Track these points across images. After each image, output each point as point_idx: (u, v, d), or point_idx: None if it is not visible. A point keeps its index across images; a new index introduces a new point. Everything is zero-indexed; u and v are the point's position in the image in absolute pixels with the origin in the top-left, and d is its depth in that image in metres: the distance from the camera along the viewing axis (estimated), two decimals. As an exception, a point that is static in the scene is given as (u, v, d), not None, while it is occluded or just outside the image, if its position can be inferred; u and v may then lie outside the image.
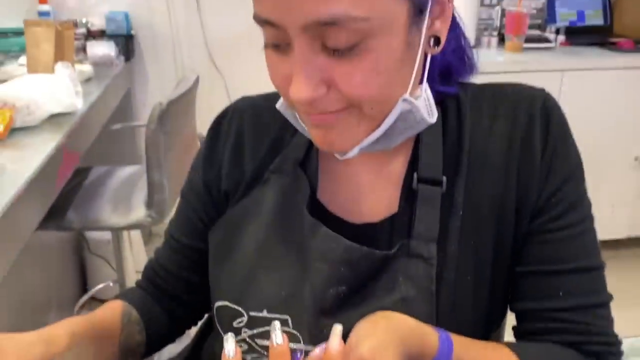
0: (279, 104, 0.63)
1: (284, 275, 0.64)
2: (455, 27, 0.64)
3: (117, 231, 1.85)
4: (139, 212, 1.65)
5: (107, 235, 2.10)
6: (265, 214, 0.68)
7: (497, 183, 0.63)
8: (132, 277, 1.97)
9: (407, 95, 0.56)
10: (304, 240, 0.64)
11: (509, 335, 0.74)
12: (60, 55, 1.67)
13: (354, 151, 0.58)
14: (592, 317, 0.62)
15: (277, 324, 0.50)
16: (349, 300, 0.62)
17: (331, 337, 0.50)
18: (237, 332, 0.65)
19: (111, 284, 2.08)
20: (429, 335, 0.54)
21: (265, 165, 0.70)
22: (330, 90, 0.53)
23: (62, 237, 2.15)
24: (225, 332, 0.69)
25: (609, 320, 0.63)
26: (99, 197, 1.73)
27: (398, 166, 0.66)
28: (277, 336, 0.49)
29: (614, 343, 0.63)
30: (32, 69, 1.65)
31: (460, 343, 0.55)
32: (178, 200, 0.79)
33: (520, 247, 0.64)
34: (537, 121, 0.63)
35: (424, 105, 0.58)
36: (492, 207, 0.63)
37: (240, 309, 0.65)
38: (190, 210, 0.75)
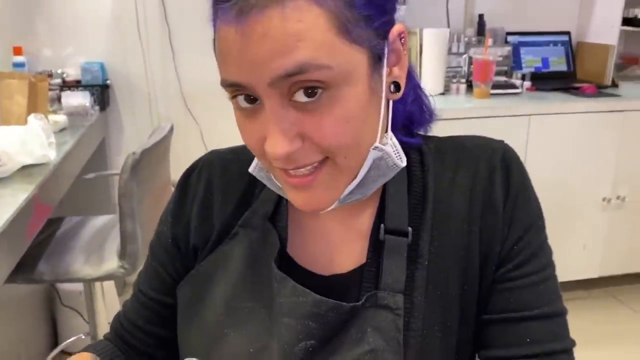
0: (252, 168, 0.65)
1: (252, 331, 0.64)
2: (411, 78, 0.67)
3: (89, 282, 1.82)
4: (112, 263, 1.64)
5: (79, 286, 2.06)
6: (234, 269, 0.68)
7: (461, 234, 0.65)
8: (105, 329, 1.93)
9: (377, 143, 0.58)
10: (273, 295, 0.64)
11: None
12: (33, 106, 1.68)
13: (333, 206, 0.60)
14: None
15: None
16: (318, 353, 0.63)
17: None
18: None
19: (83, 337, 2.04)
20: None
21: (234, 219, 0.71)
22: (304, 142, 0.54)
23: (32, 289, 2.10)
24: None
25: None
26: (71, 248, 1.70)
27: (366, 218, 0.67)
28: None
29: None
30: (4, 121, 1.65)
31: None
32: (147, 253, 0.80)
33: (486, 296, 0.66)
34: (498, 173, 0.66)
35: (393, 151, 0.60)
36: (457, 258, 0.65)
37: None
38: (159, 264, 0.75)
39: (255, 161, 0.64)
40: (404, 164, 0.62)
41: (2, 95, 1.66)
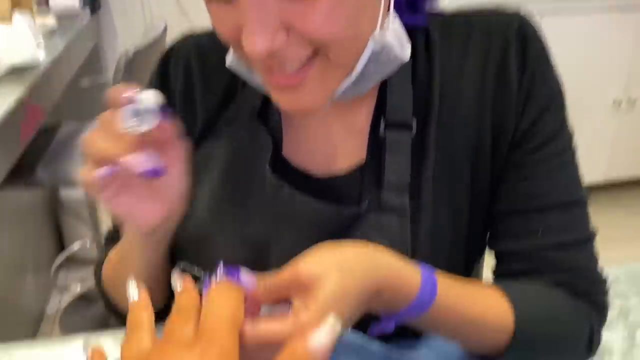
0: (229, 61, 0.56)
1: (244, 239, 0.60)
2: None
3: (89, 188, 1.80)
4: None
5: (81, 194, 2.05)
6: (218, 173, 0.62)
7: (472, 121, 0.59)
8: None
9: (377, 32, 0.50)
10: (266, 201, 0.59)
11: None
12: (17, 4, 1.58)
13: (324, 106, 0.53)
14: (576, 254, 0.59)
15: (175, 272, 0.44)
16: None
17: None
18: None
19: (88, 243, 2.05)
20: (409, 270, 0.47)
21: (218, 114, 0.64)
22: (289, 35, 0.46)
23: (36, 197, 2.10)
24: None
25: (594, 257, 0.60)
26: (70, 153, 1.68)
27: (364, 112, 0.61)
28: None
29: (600, 280, 0.60)
30: (-12, 20, 1.56)
31: (444, 281, 0.49)
32: None
33: (497, 186, 0.61)
34: (513, 48, 0.59)
35: (395, 38, 0.53)
36: (466, 148, 0.60)
37: (200, 270, 0.61)
38: None
39: (232, 52, 0.56)
40: (408, 55, 0.54)
41: (-17, -8, 1.56)
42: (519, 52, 0.59)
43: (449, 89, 0.60)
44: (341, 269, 0.42)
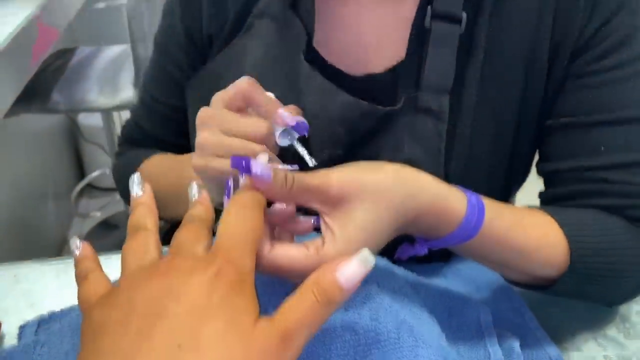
0: None
1: None
2: None
3: (105, 112, 1.77)
4: (127, 92, 1.56)
5: (99, 121, 2.02)
6: (250, 67, 0.57)
7: (529, 19, 0.52)
8: (128, 163, 1.91)
9: None
10: (298, 94, 0.54)
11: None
12: None
13: None
14: (638, 176, 0.51)
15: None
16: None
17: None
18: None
19: (107, 171, 2.03)
20: (454, 197, 0.42)
21: (249, 7, 0.58)
22: None
23: (54, 125, 2.07)
24: None
25: None
26: (86, 78, 1.62)
27: (409, 4, 0.54)
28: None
29: None
30: None
31: (492, 208, 0.44)
32: (152, 52, 0.69)
33: (553, 97, 0.54)
34: None
35: None
36: (521, 50, 0.53)
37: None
38: (171, 63, 0.65)
39: None
40: None
41: None
42: None
43: None
44: (378, 194, 0.38)
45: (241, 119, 0.46)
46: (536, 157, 0.59)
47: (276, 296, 0.34)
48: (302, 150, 0.48)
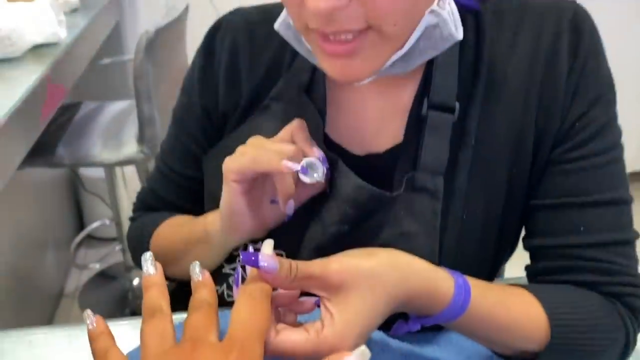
0: (278, 24, 0.56)
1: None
2: None
3: (108, 167, 1.81)
4: (131, 148, 1.61)
5: (101, 173, 2.06)
6: None
7: (516, 109, 0.57)
8: (128, 214, 1.94)
9: (434, 6, 0.49)
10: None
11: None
12: (40, -18, 1.57)
13: (371, 77, 0.52)
14: (615, 255, 0.57)
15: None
16: (348, 237, 0.58)
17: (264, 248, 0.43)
18: (233, 259, 0.63)
19: (107, 222, 2.06)
20: (442, 279, 0.47)
21: (264, 88, 0.64)
22: (351, 1, 0.46)
23: (56, 176, 2.11)
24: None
25: (633, 260, 0.58)
26: (90, 133, 1.67)
27: (408, 91, 0.60)
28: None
29: (638, 284, 0.58)
30: (11, -3, 1.55)
31: (478, 289, 0.49)
32: (169, 125, 0.74)
33: (538, 179, 0.59)
34: (565, 36, 0.56)
35: (449, 17, 0.51)
36: (508, 137, 0.58)
37: (235, 253, 0.61)
38: (188, 137, 0.70)
39: (282, 16, 0.55)
40: (461, 35, 0.52)
41: (6, -31, 1.55)
42: (571, 43, 0.56)
43: (496, 76, 0.58)
44: (372, 281, 0.42)
45: (276, 143, 0.55)
46: (523, 232, 0.64)
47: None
48: (319, 177, 0.55)
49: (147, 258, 0.43)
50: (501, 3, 0.59)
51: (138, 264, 0.74)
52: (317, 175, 0.54)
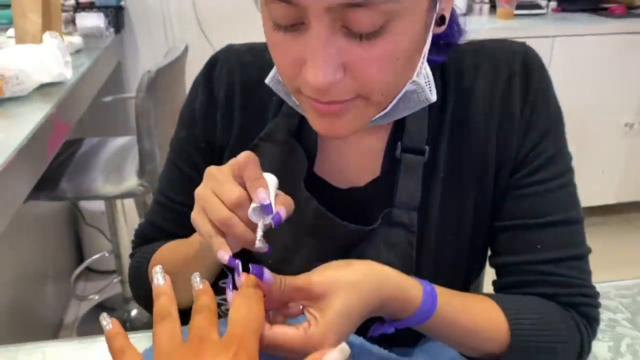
0: (269, 79, 0.62)
1: (273, 245, 0.64)
2: None
3: (110, 200, 1.87)
4: (131, 182, 1.67)
5: (101, 206, 2.12)
6: None
7: (478, 144, 0.64)
8: (127, 247, 1.99)
9: (415, 77, 0.55)
10: (296, 213, 0.64)
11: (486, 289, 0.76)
12: (47, 25, 1.66)
13: (355, 133, 0.58)
14: (568, 269, 0.63)
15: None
16: None
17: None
18: (221, 291, 0.67)
19: (106, 255, 2.11)
20: (412, 287, 0.53)
21: (253, 128, 0.69)
22: (345, 75, 0.50)
23: (57, 209, 2.16)
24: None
25: (587, 272, 0.64)
26: (92, 167, 1.74)
27: (383, 134, 0.67)
28: (159, 279, 0.48)
29: (592, 295, 0.64)
30: (20, 39, 1.64)
31: (444, 295, 0.55)
32: (167, 157, 0.77)
33: (499, 205, 0.65)
34: (517, 78, 0.64)
35: (425, 82, 0.57)
36: (473, 168, 0.65)
37: (227, 270, 0.65)
38: (189, 166, 0.73)
39: (272, 72, 0.61)
40: (435, 98, 0.59)
41: (15, 13, 1.64)
42: (523, 83, 0.63)
43: (460, 113, 0.65)
44: (349, 287, 0.48)
45: (225, 183, 0.52)
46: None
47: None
48: (259, 233, 0.50)
49: (158, 270, 0.49)
50: (460, 54, 0.66)
51: (137, 298, 0.77)
52: (264, 219, 0.51)
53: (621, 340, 0.71)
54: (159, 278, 0.48)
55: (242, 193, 0.51)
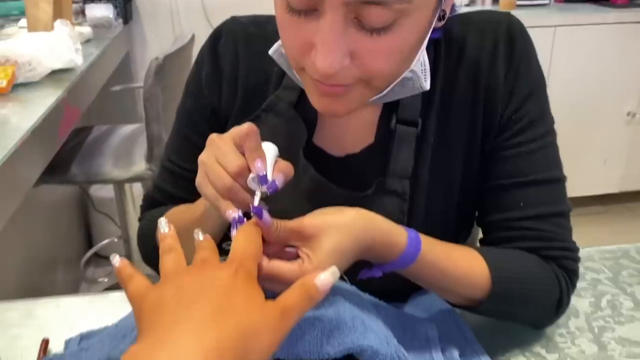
0: (272, 51, 0.65)
1: (273, 212, 0.69)
2: None
3: (119, 184, 1.91)
4: (140, 166, 1.71)
5: (110, 193, 2.17)
6: None
7: (466, 110, 0.68)
8: (135, 232, 2.04)
9: (413, 67, 0.59)
10: (294, 181, 0.67)
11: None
12: (58, 15, 1.71)
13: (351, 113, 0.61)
14: (550, 225, 0.66)
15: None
16: None
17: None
18: (225, 253, 0.71)
19: (115, 240, 2.16)
20: (398, 233, 0.56)
21: (255, 98, 0.73)
22: (350, 63, 0.53)
23: (67, 195, 2.22)
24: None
25: (567, 229, 0.68)
26: (101, 153, 1.78)
27: (378, 106, 0.70)
28: (164, 227, 0.51)
29: (571, 249, 0.67)
30: (32, 28, 1.69)
31: (428, 242, 0.58)
32: (174, 126, 0.80)
33: (485, 166, 0.69)
34: (501, 46, 0.67)
35: (421, 70, 0.61)
36: (461, 133, 0.68)
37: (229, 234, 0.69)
38: (197, 134, 0.76)
39: (276, 45, 0.64)
40: (428, 86, 0.62)
41: (27, 3, 1.69)
42: (507, 50, 0.67)
43: (449, 86, 0.68)
44: (339, 228, 0.52)
45: (228, 152, 0.55)
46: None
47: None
48: (256, 200, 0.54)
49: (162, 221, 0.52)
50: (449, 23, 0.67)
51: (146, 258, 0.81)
52: (261, 188, 0.54)
53: (602, 297, 0.75)
54: (163, 227, 0.52)
55: (242, 163, 0.54)
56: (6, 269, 1.65)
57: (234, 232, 0.51)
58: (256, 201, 0.53)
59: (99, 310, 0.73)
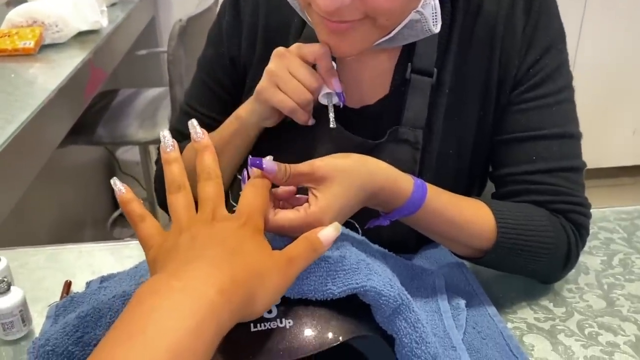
0: None
1: (290, 154, 0.67)
2: None
3: (144, 146, 1.95)
4: (164, 128, 1.74)
5: (136, 156, 2.21)
6: None
7: (482, 61, 0.68)
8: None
9: (420, 7, 0.59)
10: (310, 127, 0.69)
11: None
12: (84, -24, 1.72)
13: (359, 53, 0.62)
14: (561, 179, 0.66)
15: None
16: None
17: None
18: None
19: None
20: (404, 179, 0.57)
21: (275, 47, 0.71)
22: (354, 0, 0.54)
23: (95, 158, 2.27)
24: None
25: (579, 184, 0.68)
26: (126, 115, 1.82)
27: (393, 56, 0.70)
28: (168, 144, 0.50)
29: (582, 204, 0.67)
30: (58, -10, 1.71)
31: (434, 190, 0.59)
32: (195, 74, 0.82)
33: (500, 119, 0.69)
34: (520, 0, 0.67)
35: (431, 14, 0.61)
36: (476, 84, 0.68)
37: (239, 177, 0.71)
38: (216, 84, 0.78)
39: None
40: (438, 29, 0.62)
41: (54, -36, 1.71)
42: (526, 2, 0.66)
43: (466, 37, 0.68)
44: (347, 172, 0.53)
45: (302, 68, 0.63)
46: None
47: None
48: (331, 114, 0.64)
49: (166, 135, 0.51)
50: None
51: (162, 203, 0.84)
52: (334, 100, 0.65)
53: (614, 256, 0.75)
54: (167, 143, 0.51)
55: (320, 80, 0.64)
56: (36, 227, 1.70)
57: (244, 187, 0.51)
58: (331, 115, 0.64)
59: (120, 256, 0.76)
